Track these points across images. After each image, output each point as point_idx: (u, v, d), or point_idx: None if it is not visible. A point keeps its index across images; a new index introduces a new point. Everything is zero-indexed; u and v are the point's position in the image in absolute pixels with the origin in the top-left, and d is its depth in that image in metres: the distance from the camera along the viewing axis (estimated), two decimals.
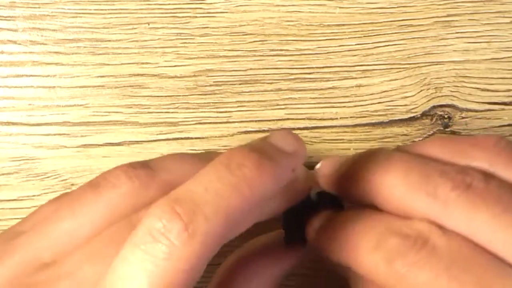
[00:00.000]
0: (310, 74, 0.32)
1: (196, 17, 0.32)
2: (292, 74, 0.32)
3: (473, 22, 0.32)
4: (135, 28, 0.32)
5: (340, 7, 0.32)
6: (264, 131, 0.32)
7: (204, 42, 0.32)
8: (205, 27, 0.32)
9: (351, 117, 0.32)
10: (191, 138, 0.32)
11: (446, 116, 0.32)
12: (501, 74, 0.32)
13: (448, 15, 0.32)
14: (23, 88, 0.33)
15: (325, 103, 0.32)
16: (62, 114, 0.32)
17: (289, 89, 0.32)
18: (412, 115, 0.32)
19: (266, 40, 0.32)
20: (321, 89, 0.32)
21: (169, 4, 0.32)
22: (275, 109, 0.33)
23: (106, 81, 0.32)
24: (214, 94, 0.32)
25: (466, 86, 0.32)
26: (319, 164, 0.28)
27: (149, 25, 0.32)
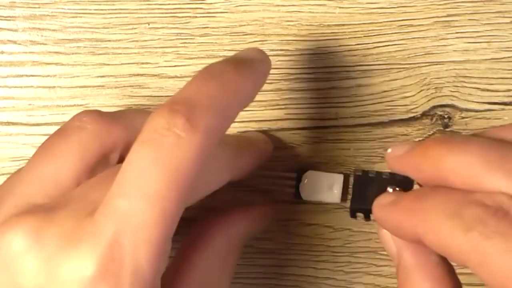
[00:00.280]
0: (310, 74, 0.32)
1: (196, 17, 0.32)
2: (292, 74, 0.32)
3: (473, 22, 0.32)
4: (135, 28, 0.32)
5: (340, 7, 0.32)
6: (264, 131, 0.32)
7: (204, 42, 0.32)
8: (205, 27, 0.32)
9: (351, 117, 0.32)
10: None
11: (446, 116, 0.32)
12: (501, 74, 0.32)
13: (448, 15, 0.32)
14: (23, 88, 0.33)
15: (325, 103, 0.32)
16: (62, 114, 0.32)
17: (289, 89, 0.32)
18: (412, 115, 0.32)
19: (266, 40, 0.32)
20: (321, 89, 0.32)
21: (169, 4, 0.32)
22: (275, 109, 0.33)
23: (106, 81, 0.32)
24: None
25: (466, 86, 0.32)
26: (389, 148, 0.28)
27: (149, 25, 0.32)
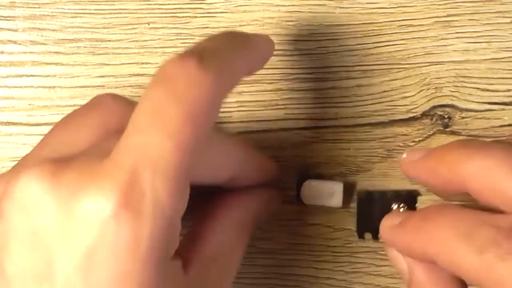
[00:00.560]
0: (310, 74, 0.32)
1: (196, 17, 0.32)
2: (292, 74, 0.32)
3: (473, 22, 0.32)
4: (135, 28, 0.32)
5: (340, 7, 0.32)
6: (264, 131, 0.32)
7: None
8: (205, 27, 0.32)
9: (351, 117, 0.32)
10: None
11: (446, 116, 0.32)
12: (501, 74, 0.32)
13: (448, 15, 0.32)
14: (23, 88, 0.33)
15: (325, 103, 0.32)
16: (62, 114, 0.32)
17: (289, 89, 0.32)
18: (412, 115, 0.32)
19: None
20: (321, 89, 0.32)
21: (169, 4, 0.32)
22: (275, 109, 0.32)
23: (106, 81, 0.32)
24: None
25: (466, 86, 0.32)
26: (404, 153, 0.27)
27: (149, 25, 0.32)
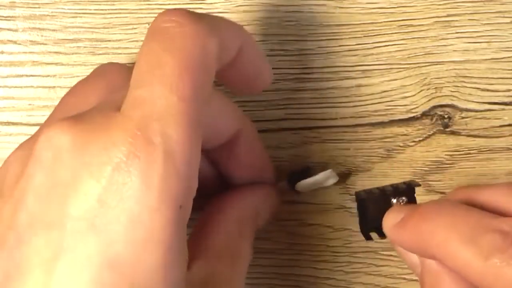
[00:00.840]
0: (310, 74, 0.32)
1: None
2: (292, 74, 0.32)
3: (473, 22, 0.32)
4: (135, 28, 0.32)
5: (340, 7, 0.32)
6: (264, 131, 0.32)
7: None
8: None
9: (351, 117, 0.32)
10: None
11: (446, 116, 0.32)
12: (501, 74, 0.32)
13: (448, 15, 0.32)
14: (23, 88, 0.33)
15: (325, 103, 0.32)
16: None
17: (289, 89, 0.32)
18: (412, 115, 0.32)
19: (266, 40, 0.32)
20: (321, 89, 0.32)
21: (169, 4, 0.32)
22: (275, 109, 0.33)
23: None
24: None
25: (466, 86, 0.32)
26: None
27: (149, 25, 0.32)
